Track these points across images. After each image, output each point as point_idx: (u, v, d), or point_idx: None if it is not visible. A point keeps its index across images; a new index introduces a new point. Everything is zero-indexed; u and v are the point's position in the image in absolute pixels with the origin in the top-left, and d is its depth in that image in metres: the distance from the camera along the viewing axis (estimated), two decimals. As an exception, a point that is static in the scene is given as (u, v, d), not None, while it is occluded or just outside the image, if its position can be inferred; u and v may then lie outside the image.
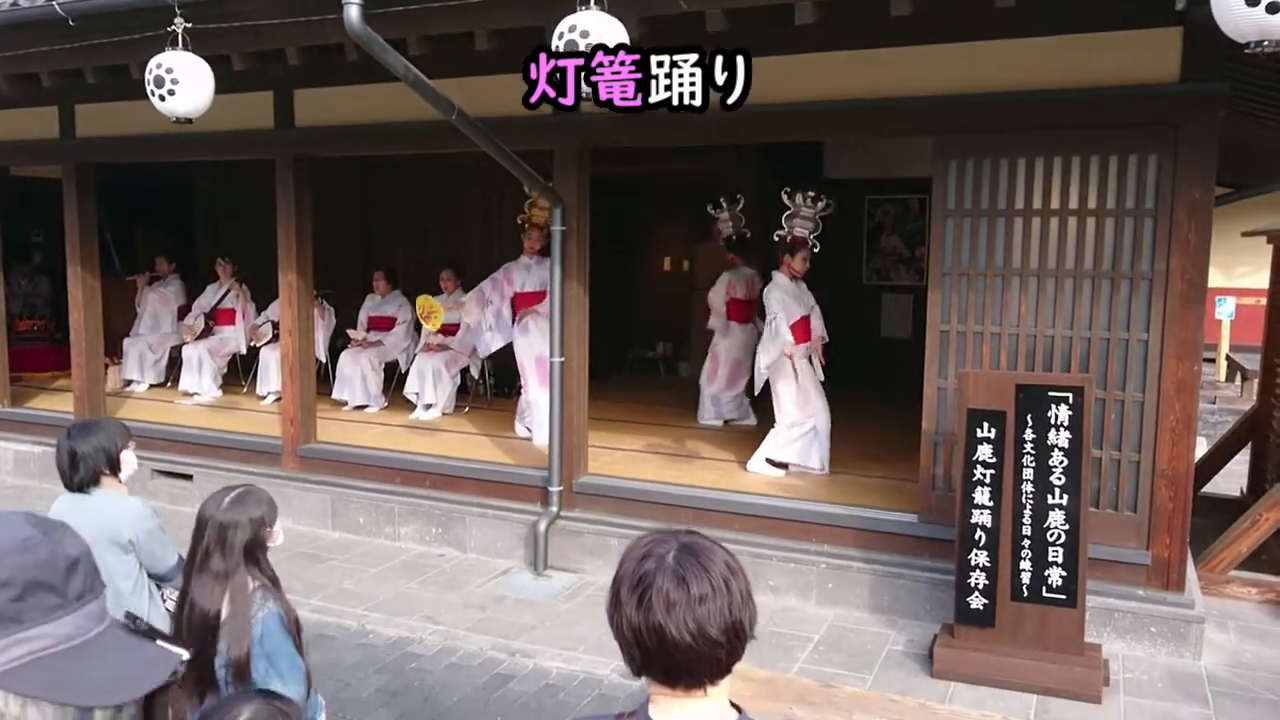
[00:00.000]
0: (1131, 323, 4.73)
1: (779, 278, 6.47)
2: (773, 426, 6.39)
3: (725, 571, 1.37)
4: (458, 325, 8.35)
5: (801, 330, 6.36)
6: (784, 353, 6.15)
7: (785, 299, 6.31)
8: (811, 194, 6.61)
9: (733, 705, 1.42)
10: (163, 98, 4.86)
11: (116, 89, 6.09)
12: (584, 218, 5.95)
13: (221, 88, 5.06)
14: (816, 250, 6.58)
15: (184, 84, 4.83)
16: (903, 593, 5.18)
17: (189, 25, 4.85)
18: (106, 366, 8.58)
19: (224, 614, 2.47)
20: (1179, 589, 4.76)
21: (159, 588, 3.34)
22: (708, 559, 1.37)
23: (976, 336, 5.03)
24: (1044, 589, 4.39)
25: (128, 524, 3.20)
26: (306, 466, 6.89)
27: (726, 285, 7.96)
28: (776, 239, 6.63)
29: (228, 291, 9.31)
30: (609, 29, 3.88)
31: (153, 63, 4.85)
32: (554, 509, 5.97)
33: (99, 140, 7.51)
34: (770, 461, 6.31)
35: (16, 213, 9.00)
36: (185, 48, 4.86)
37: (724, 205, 7.78)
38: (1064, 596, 4.36)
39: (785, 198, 6.66)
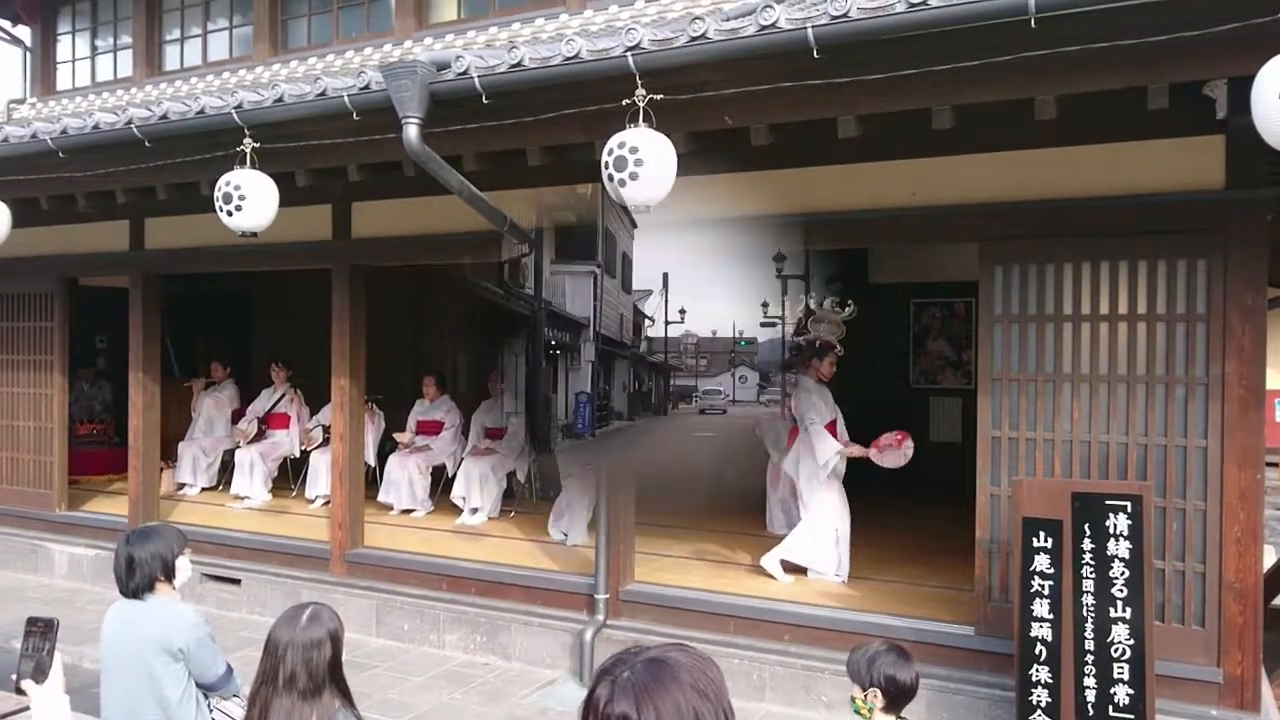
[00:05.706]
0: (1189, 429, 4.63)
1: (807, 382, 6.47)
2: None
3: (686, 701, 1.22)
4: (503, 429, 8.42)
5: (830, 435, 6.33)
6: (840, 454, 6.16)
7: (817, 402, 6.33)
8: (837, 299, 6.65)
9: None
10: (230, 213, 5.08)
11: (184, 203, 6.37)
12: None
13: (284, 201, 5.27)
14: (841, 355, 6.60)
15: (250, 200, 5.05)
16: (961, 709, 4.99)
17: (257, 145, 5.10)
18: (161, 470, 8.74)
19: None
20: (1254, 709, 4.52)
21: (205, 697, 3.33)
22: (664, 686, 1.23)
23: (1029, 443, 4.95)
24: (1110, 708, 4.20)
25: (179, 632, 3.21)
26: (353, 571, 6.89)
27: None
28: (803, 344, 6.65)
29: (282, 396, 9.50)
30: (658, 146, 4.00)
31: (222, 180, 5.09)
32: (600, 617, 5.89)
33: (166, 252, 7.84)
34: (783, 563, 6.16)
35: (83, 320, 9.35)
36: (253, 166, 5.10)
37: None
38: (1132, 716, 4.17)
39: (810, 305, 6.73)
